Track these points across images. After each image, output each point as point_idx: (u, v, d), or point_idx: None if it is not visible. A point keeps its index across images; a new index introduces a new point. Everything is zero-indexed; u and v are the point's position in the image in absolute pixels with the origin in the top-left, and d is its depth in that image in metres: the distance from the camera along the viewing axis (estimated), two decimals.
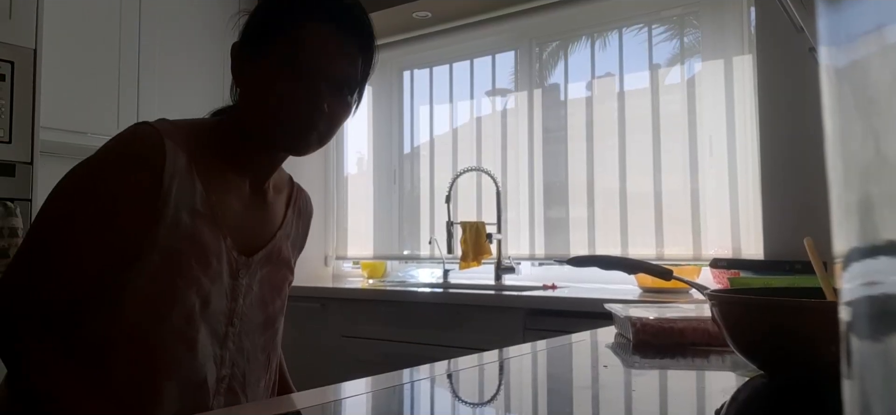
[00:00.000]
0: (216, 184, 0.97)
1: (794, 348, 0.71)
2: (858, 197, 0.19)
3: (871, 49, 0.19)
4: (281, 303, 1.09)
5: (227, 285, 0.97)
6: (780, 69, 2.18)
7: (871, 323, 0.19)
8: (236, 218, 1.01)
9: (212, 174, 0.97)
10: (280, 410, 0.71)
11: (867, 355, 0.19)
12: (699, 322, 1.06)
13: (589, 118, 2.87)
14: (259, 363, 1.05)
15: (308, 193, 1.24)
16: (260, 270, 1.03)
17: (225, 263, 0.97)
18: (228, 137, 1.01)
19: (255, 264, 1.02)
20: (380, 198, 3.49)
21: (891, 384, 0.18)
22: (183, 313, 0.92)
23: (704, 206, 2.57)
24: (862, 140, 0.19)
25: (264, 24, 0.97)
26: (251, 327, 1.03)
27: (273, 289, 1.07)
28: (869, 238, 0.19)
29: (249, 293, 1.02)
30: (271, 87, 0.94)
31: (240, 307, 1.00)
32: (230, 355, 0.99)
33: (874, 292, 0.19)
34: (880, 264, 0.18)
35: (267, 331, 1.06)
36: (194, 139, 0.97)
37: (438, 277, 3.13)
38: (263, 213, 1.07)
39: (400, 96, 3.51)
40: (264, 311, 1.05)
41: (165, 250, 0.90)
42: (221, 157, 1.00)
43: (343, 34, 0.96)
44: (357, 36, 0.98)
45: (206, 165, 0.97)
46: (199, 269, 0.93)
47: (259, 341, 1.04)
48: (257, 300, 1.03)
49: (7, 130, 2.26)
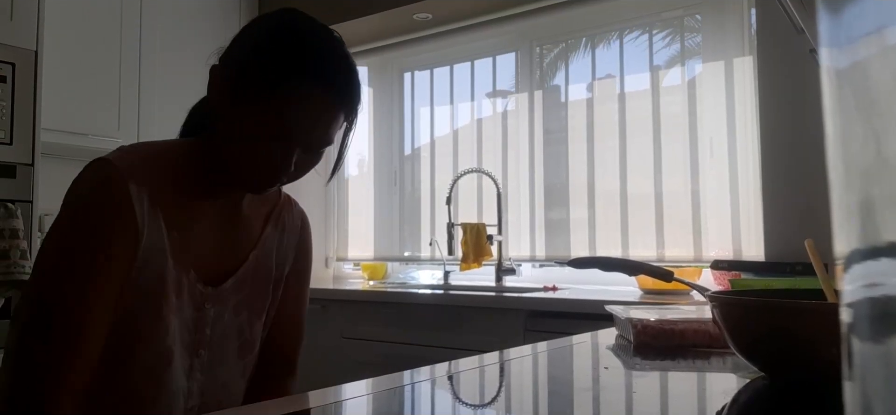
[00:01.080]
0: (180, 216, 0.94)
1: (795, 350, 0.71)
2: (859, 198, 0.19)
3: (872, 50, 0.19)
4: (260, 328, 1.07)
5: (189, 318, 0.96)
6: (781, 71, 2.18)
7: (873, 325, 0.19)
8: (203, 247, 0.98)
9: (175, 206, 0.94)
10: (281, 411, 0.71)
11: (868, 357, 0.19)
12: (700, 324, 1.06)
13: (589, 120, 2.87)
14: (239, 389, 1.04)
15: (301, 209, 1.17)
16: (234, 295, 1.01)
17: (187, 297, 0.95)
18: (198, 161, 0.98)
19: (225, 292, 1.00)
20: (380, 199, 3.49)
21: (892, 386, 0.18)
22: (154, 351, 0.91)
23: (705, 207, 2.57)
24: (863, 141, 0.19)
25: (248, 68, 0.91)
26: (225, 356, 1.01)
27: (252, 313, 1.04)
28: (870, 240, 0.19)
29: (220, 322, 0.99)
30: (245, 135, 0.91)
31: (207, 338, 0.98)
32: (198, 386, 0.98)
33: (875, 294, 0.19)
34: (881, 266, 0.18)
35: (246, 356, 1.04)
36: (157, 171, 0.94)
37: (439, 279, 3.12)
38: (237, 234, 1.04)
39: (400, 98, 3.51)
40: (241, 336, 1.03)
41: (138, 291, 0.89)
42: (187, 184, 0.97)
43: (328, 97, 0.91)
44: (342, 98, 0.93)
45: (169, 197, 0.93)
46: (166, 306, 0.92)
47: (236, 367, 1.03)
48: (231, 328, 1.01)
49: (8, 131, 2.26)
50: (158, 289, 0.91)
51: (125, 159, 0.91)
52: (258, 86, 0.89)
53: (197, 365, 0.98)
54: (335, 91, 0.92)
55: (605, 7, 2.81)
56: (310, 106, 0.90)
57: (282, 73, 0.89)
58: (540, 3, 2.90)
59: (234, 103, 0.92)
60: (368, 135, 3.57)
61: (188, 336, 0.96)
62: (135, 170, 0.90)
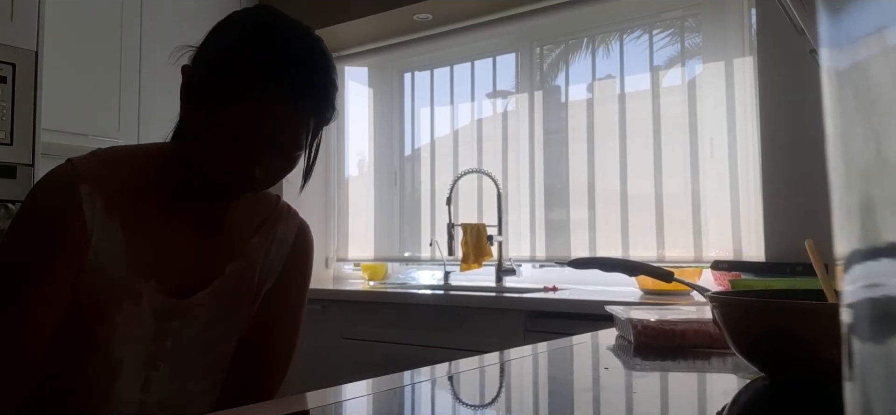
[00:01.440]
0: (142, 222, 0.91)
1: (796, 351, 0.71)
2: (860, 199, 0.19)
3: (872, 51, 0.19)
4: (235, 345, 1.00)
5: (149, 329, 0.91)
6: (781, 71, 2.18)
7: (873, 325, 0.19)
8: (171, 256, 0.93)
9: (137, 212, 0.91)
10: (281, 411, 0.71)
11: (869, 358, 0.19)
12: (700, 324, 1.06)
13: (590, 120, 2.87)
14: (206, 406, 0.98)
15: (301, 220, 1.10)
16: (206, 309, 0.95)
17: (146, 306, 0.90)
18: (168, 167, 0.94)
19: (195, 305, 0.94)
20: (380, 200, 3.50)
21: (892, 387, 0.18)
22: (101, 360, 0.87)
23: (705, 208, 2.57)
24: (863, 142, 0.19)
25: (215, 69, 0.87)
26: (190, 371, 0.96)
27: (227, 328, 0.98)
28: (870, 240, 0.19)
29: (185, 335, 0.94)
30: (212, 140, 0.87)
31: (168, 350, 0.93)
32: (157, 400, 0.93)
33: (876, 294, 0.19)
34: (882, 266, 0.18)
35: (218, 374, 0.99)
36: (121, 175, 0.91)
37: (439, 279, 3.13)
38: (216, 243, 0.98)
39: (401, 98, 3.51)
40: (212, 351, 0.97)
41: (87, 297, 0.86)
42: (156, 190, 0.93)
43: (296, 103, 0.86)
44: (311, 104, 0.88)
45: (131, 202, 0.90)
46: (119, 315, 0.88)
47: (205, 383, 0.98)
48: (199, 342, 0.96)
49: (8, 131, 2.26)
50: (110, 296, 0.87)
51: (86, 162, 0.89)
52: (224, 88, 0.85)
53: (155, 378, 0.92)
54: (303, 96, 0.87)
55: (606, 8, 2.81)
56: (276, 111, 0.85)
57: (247, 77, 0.84)
58: (540, 4, 2.90)
59: (203, 105, 0.88)
60: (369, 135, 3.57)
61: (144, 348, 0.91)
62: (92, 173, 0.88)
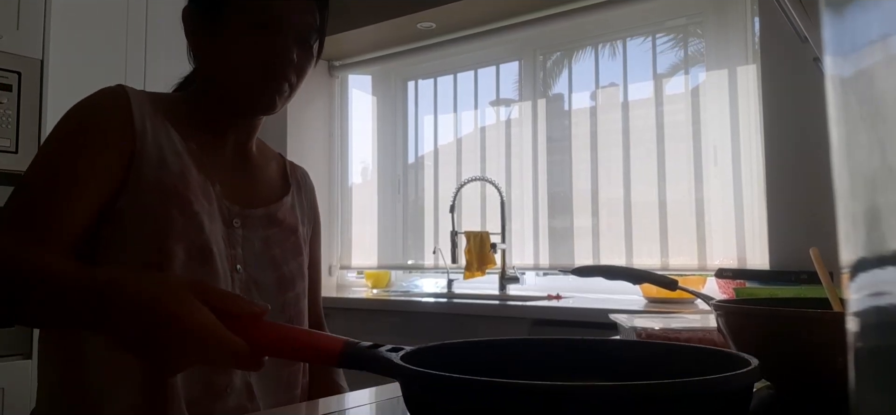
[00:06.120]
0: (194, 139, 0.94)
1: (801, 359, 0.71)
2: (865, 207, 0.19)
3: (877, 59, 0.19)
4: (297, 267, 1.02)
5: (220, 229, 0.91)
6: (785, 79, 2.18)
7: (879, 333, 0.19)
8: (224, 172, 0.96)
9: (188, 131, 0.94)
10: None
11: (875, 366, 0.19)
12: (704, 333, 1.06)
13: (593, 128, 2.87)
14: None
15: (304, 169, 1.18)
16: (262, 228, 0.97)
17: (215, 206, 0.92)
18: (198, 105, 0.98)
19: (254, 220, 0.96)
20: (384, 208, 3.50)
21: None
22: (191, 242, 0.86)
23: (709, 216, 2.57)
24: (868, 150, 0.19)
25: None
26: (262, 284, 0.95)
27: (285, 251, 1.00)
28: (876, 248, 0.19)
29: (249, 246, 0.95)
30: (239, 46, 0.91)
31: (241, 256, 0.94)
32: None
33: (882, 303, 0.19)
34: (888, 274, 0.18)
35: (285, 293, 0.99)
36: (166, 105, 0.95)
37: (443, 287, 3.12)
38: (254, 175, 1.02)
39: (404, 106, 3.52)
40: (277, 270, 0.98)
41: (154, 182, 0.86)
42: (192, 123, 0.96)
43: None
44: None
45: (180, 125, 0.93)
46: (196, 204, 0.88)
47: (276, 302, 0.97)
48: (264, 257, 0.97)
49: (13, 139, 2.27)
50: (182, 185, 0.88)
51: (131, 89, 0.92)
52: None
53: (237, 280, 0.92)
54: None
55: (609, 16, 2.82)
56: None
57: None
58: (543, 12, 2.91)
59: (217, 30, 0.93)
60: (372, 143, 3.58)
61: (224, 247, 0.91)
62: (138, 93, 0.91)
